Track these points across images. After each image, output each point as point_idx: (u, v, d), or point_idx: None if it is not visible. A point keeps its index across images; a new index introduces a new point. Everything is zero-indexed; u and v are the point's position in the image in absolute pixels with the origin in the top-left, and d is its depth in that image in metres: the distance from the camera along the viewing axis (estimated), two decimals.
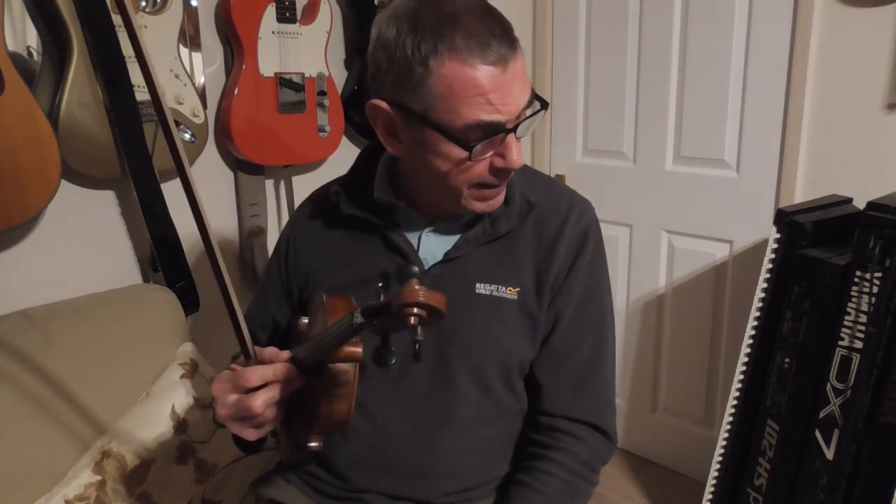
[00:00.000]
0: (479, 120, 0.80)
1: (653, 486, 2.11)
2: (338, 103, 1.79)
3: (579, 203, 0.99)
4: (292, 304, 1.05)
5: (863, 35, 1.64)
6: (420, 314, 0.62)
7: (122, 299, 1.39)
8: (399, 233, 0.95)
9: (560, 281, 0.95)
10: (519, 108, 0.82)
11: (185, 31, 1.52)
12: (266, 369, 0.78)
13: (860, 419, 1.37)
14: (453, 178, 0.86)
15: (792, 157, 1.79)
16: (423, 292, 0.61)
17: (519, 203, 0.95)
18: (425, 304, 0.61)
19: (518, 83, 0.81)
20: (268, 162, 1.72)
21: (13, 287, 1.36)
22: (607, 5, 2.10)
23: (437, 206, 0.95)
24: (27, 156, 1.23)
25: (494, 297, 0.93)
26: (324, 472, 0.99)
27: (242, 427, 0.80)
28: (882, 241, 1.33)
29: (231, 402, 0.79)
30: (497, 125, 0.81)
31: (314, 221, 1.03)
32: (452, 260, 0.94)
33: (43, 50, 1.33)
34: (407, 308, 0.62)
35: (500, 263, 0.94)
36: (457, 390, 0.93)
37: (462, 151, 0.82)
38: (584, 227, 0.97)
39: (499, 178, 0.87)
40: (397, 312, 0.62)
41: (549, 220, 0.96)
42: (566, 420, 0.95)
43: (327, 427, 0.81)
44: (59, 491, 1.13)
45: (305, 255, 1.02)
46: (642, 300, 2.17)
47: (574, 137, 2.27)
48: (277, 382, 0.78)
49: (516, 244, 0.95)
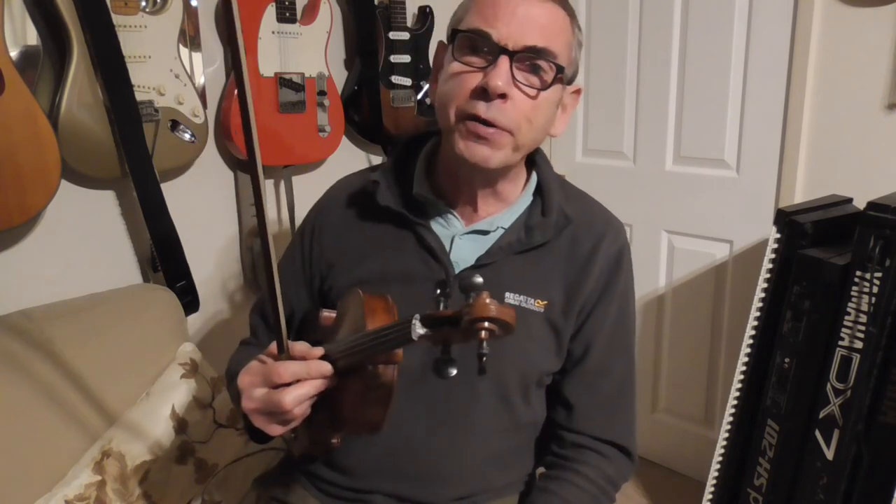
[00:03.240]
0: (474, 27, 0.83)
1: (653, 486, 2.11)
2: (338, 103, 1.79)
3: (615, 224, 0.99)
4: (312, 292, 1.02)
5: (863, 35, 1.64)
6: (491, 328, 0.60)
7: (122, 299, 1.39)
8: (432, 232, 0.93)
9: (593, 301, 0.94)
10: (516, 35, 0.81)
11: (185, 31, 1.52)
12: (300, 366, 0.76)
13: (860, 419, 1.37)
14: (447, 100, 0.85)
15: (792, 157, 1.79)
16: (496, 306, 0.59)
17: (556, 215, 0.93)
18: (498, 318, 0.59)
19: (525, 10, 0.82)
20: (268, 162, 1.72)
21: (13, 287, 1.36)
22: (607, 5, 2.10)
23: (469, 199, 0.93)
24: (27, 156, 1.23)
25: (522, 307, 0.91)
26: (329, 472, 0.98)
27: (268, 422, 0.78)
28: (882, 241, 1.32)
29: (259, 395, 0.77)
30: (485, 36, 0.82)
31: (344, 209, 1.00)
32: (483, 266, 0.92)
33: (43, 50, 1.33)
34: (479, 322, 0.59)
35: (531, 275, 0.93)
36: (478, 399, 0.92)
37: (457, 64, 0.84)
38: (618, 248, 0.96)
39: (476, 107, 0.82)
40: (468, 326, 0.60)
41: (583, 238, 0.95)
42: (594, 440, 0.96)
43: (359, 429, 0.79)
44: (59, 491, 1.13)
45: (330, 243, 0.99)
46: (642, 300, 2.17)
47: (574, 137, 2.26)
48: (311, 380, 0.76)
49: (548, 257, 0.93)
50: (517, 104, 0.83)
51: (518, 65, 0.83)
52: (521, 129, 0.84)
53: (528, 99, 0.84)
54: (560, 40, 0.85)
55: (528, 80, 0.84)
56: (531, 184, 0.97)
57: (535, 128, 0.87)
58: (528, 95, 0.84)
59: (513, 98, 0.83)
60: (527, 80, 0.83)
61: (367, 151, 1.99)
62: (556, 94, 0.88)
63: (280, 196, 1.84)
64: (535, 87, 0.84)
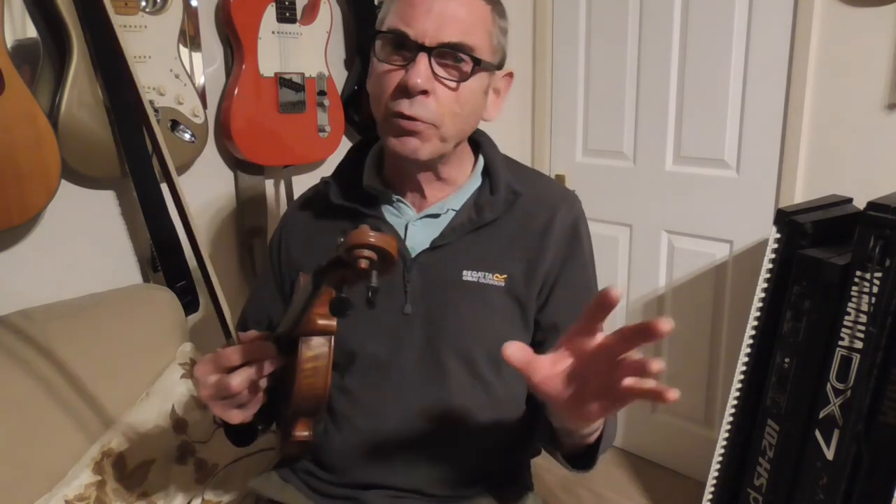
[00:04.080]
0: (394, 26, 0.86)
1: (653, 486, 2.11)
2: (338, 103, 1.79)
3: (568, 196, 1.02)
4: (286, 299, 1.05)
5: (863, 35, 1.64)
6: (370, 256, 0.60)
7: (122, 299, 1.39)
8: (386, 222, 0.97)
9: (555, 274, 0.96)
10: (432, 31, 0.84)
11: (185, 31, 1.52)
12: (243, 347, 0.79)
13: (860, 419, 1.37)
14: (375, 99, 0.89)
15: (792, 157, 1.79)
16: (373, 234, 0.60)
17: (504, 192, 0.96)
18: (374, 244, 0.60)
19: (441, 6, 0.84)
20: (268, 162, 1.72)
21: (13, 287, 1.36)
22: (607, 5, 2.10)
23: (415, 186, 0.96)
24: (27, 156, 1.23)
25: (481, 283, 0.94)
26: (319, 469, 0.99)
27: (225, 408, 0.81)
28: (882, 241, 1.33)
29: (212, 381, 0.80)
30: (401, 35, 0.85)
31: (304, 214, 1.05)
32: (439, 248, 0.95)
33: (43, 50, 1.33)
34: (356, 250, 0.60)
35: (487, 251, 0.95)
36: (448, 378, 0.93)
37: (380, 64, 0.87)
38: (573, 219, 0.99)
39: (400, 105, 0.85)
40: (347, 256, 0.61)
41: (536, 211, 0.97)
42: None
43: (305, 405, 0.81)
44: (59, 491, 1.13)
45: (296, 248, 1.03)
46: (642, 300, 2.17)
47: (574, 137, 2.26)
48: (256, 360, 0.79)
49: (503, 233, 0.96)
50: (440, 98, 0.86)
51: (437, 59, 0.85)
52: (444, 121, 0.87)
53: (450, 91, 0.87)
54: (478, 32, 0.87)
55: (448, 73, 0.86)
56: (478, 166, 1.00)
57: (462, 118, 0.89)
58: (449, 88, 0.87)
59: (435, 92, 0.85)
60: (447, 73, 0.86)
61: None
62: (481, 83, 0.90)
63: (280, 196, 1.84)
64: (455, 79, 0.87)
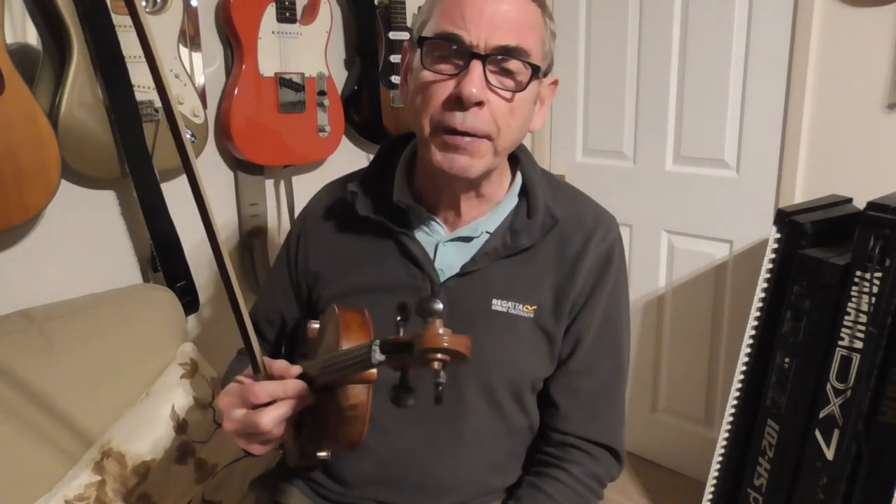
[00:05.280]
0: (444, 30, 0.79)
1: (653, 486, 2.11)
2: (338, 103, 1.79)
3: (605, 219, 0.95)
4: (300, 300, 1.02)
5: (863, 35, 1.64)
6: (444, 359, 0.59)
7: (122, 299, 1.39)
8: (415, 241, 0.91)
9: (581, 302, 0.92)
10: (486, 35, 0.78)
11: (185, 31, 1.52)
12: (276, 385, 0.75)
13: (860, 419, 1.37)
14: (420, 111, 0.82)
15: (792, 157, 1.79)
16: (448, 337, 0.58)
17: (542, 216, 0.91)
18: (450, 349, 0.58)
19: (493, 8, 0.78)
20: (268, 162, 1.72)
21: (13, 287, 1.36)
22: (607, 5, 2.10)
23: (451, 204, 0.91)
24: (27, 156, 1.23)
25: (510, 314, 0.89)
26: (325, 478, 0.97)
27: (249, 443, 0.78)
28: (882, 241, 1.33)
29: (238, 417, 0.76)
30: (456, 38, 0.78)
31: (327, 220, 0.99)
32: (469, 274, 0.90)
33: (43, 50, 1.33)
34: (430, 353, 0.58)
35: (518, 279, 0.90)
36: (467, 407, 0.91)
37: (427, 73, 0.81)
38: (608, 246, 0.93)
39: (452, 119, 0.80)
40: (419, 356, 0.59)
41: (572, 237, 0.92)
42: (580, 440, 0.95)
43: (338, 447, 0.79)
44: (59, 491, 1.13)
45: (315, 254, 0.98)
46: (642, 300, 2.17)
47: (574, 137, 2.26)
48: (287, 399, 0.75)
49: (536, 260, 0.91)
50: (494, 109, 0.80)
51: (491, 67, 0.80)
52: (499, 133, 0.82)
53: (504, 102, 0.81)
54: (532, 36, 0.82)
55: (502, 83, 0.81)
56: (516, 184, 0.95)
57: (514, 129, 0.84)
58: (504, 99, 0.81)
59: (489, 103, 0.80)
60: (501, 83, 0.81)
61: (367, 151, 1.99)
62: (532, 93, 0.85)
63: (280, 196, 1.84)
64: (510, 90, 0.81)
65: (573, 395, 0.94)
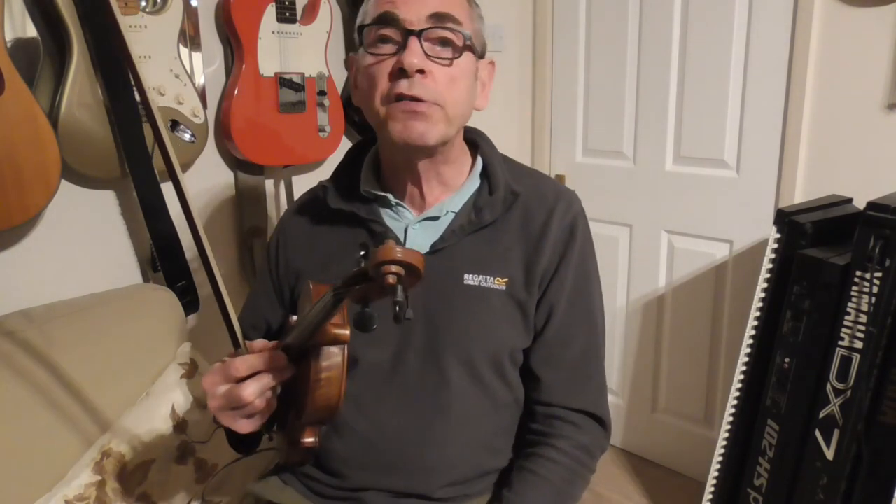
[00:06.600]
0: (379, 12, 0.87)
1: (653, 486, 2.11)
2: (338, 103, 1.79)
3: (566, 194, 1.00)
4: (284, 304, 1.05)
5: (863, 35, 1.64)
6: (397, 272, 0.60)
7: (122, 299, 1.39)
8: (385, 226, 0.96)
9: (551, 273, 0.96)
10: (416, 11, 0.85)
11: (185, 31, 1.52)
12: (255, 357, 0.79)
13: (860, 419, 1.37)
14: (369, 93, 0.88)
15: (792, 157, 1.79)
16: (400, 250, 0.60)
17: (503, 192, 0.95)
18: (402, 260, 0.60)
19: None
20: (268, 162, 1.72)
21: (13, 287, 1.36)
22: (607, 5, 2.10)
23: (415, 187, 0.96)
24: (27, 156, 1.23)
25: (483, 287, 0.93)
26: (320, 473, 0.98)
27: (234, 418, 0.80)
28: (882, 241, 1.33)
29: (221, 392, 0.79)
30: (391, 17, 0.85)
31: (302, 219, 1.04)
32: (439, 251, 0.94)
33: (43, 50, 1.33)
34: (384, 266, 0.60)
35: (488, 254, 0.95)
36: (449, 383, 0.93)
37: (369, 56, 0.88)
38: (571, 218, 0.98)
39: (399, 86, 0.85)
40: (374, 272, 0.61)
41: (536, 211, 0.97)
42: (564, 409, 0.97)
43: (318, 415, 0.80)
44: (59, 491, 1.13)
45: (294, 253, 1.03)
46: (642, 300, 2.17)
47: (574, 137, 2.26)
48: (267, 370, 0.79)
49: (503, 235, 0.95)
50: (436, 77, 0.86)
51: (427, 42, 0.86)
52: (446, 100, 0.87)
53: (445, 70, 0.87)
54: (459, 8, 0.88)
55: (439, 53, 0.87)
56: (477, 167, 1.00)
57: (461, 98, 0.89)
58: (444, 66, 0.87)
59: (431, 72, 0.86)
60: (438, 53, 0.87)
61: None
62: (470, 64, 0.90)
63: (280, 196, 1.84)
64: (448, 57, 0.87)
65: (552, 365, 0.97)
